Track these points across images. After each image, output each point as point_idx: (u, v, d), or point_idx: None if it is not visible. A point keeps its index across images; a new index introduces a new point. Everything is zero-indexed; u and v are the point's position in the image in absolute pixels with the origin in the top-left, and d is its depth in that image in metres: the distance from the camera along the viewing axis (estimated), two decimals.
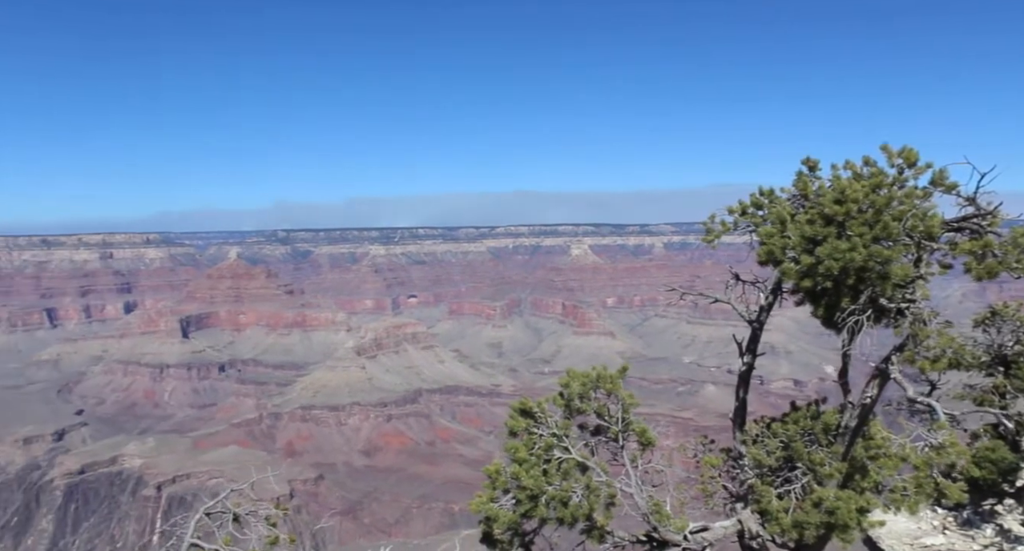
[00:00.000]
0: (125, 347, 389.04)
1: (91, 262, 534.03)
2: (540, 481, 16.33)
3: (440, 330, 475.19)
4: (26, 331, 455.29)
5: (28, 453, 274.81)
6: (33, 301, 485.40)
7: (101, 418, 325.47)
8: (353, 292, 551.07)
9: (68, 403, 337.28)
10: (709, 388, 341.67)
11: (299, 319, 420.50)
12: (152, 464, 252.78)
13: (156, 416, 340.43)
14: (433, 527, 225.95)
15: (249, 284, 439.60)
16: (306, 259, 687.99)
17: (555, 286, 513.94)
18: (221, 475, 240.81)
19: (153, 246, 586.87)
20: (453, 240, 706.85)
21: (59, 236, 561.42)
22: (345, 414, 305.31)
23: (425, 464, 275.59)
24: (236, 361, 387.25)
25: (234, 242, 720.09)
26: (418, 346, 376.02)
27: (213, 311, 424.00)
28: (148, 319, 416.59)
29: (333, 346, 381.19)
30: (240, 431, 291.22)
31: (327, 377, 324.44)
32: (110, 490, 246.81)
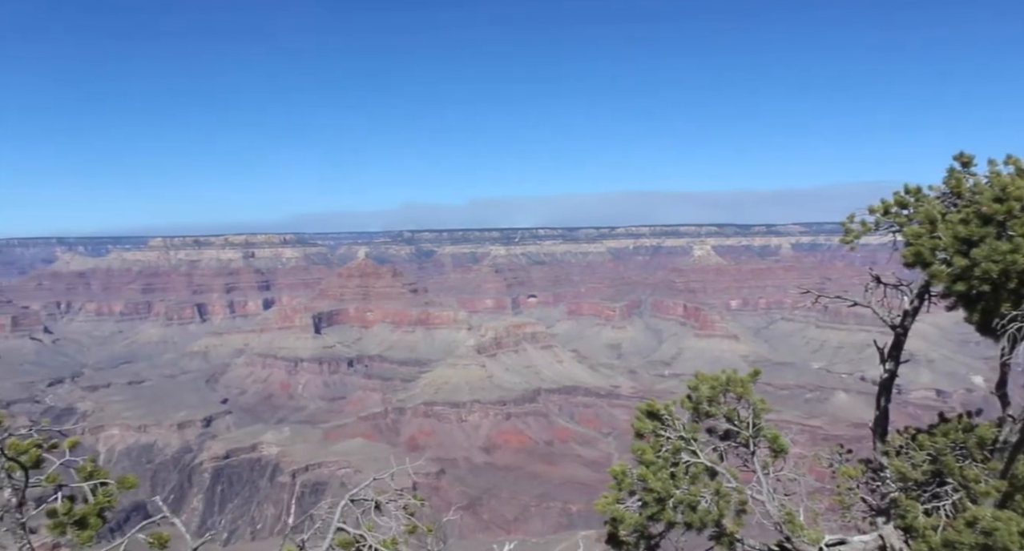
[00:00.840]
0: (264, 341, 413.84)
1: (235, 261, 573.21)
2: (668, 484, 16.19)
3: (559, 330, 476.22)
4: (180, 325, 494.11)
5: (182, 437, 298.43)
6: (186, 297, 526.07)
7: (243, 407, 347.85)
8: (474, 291, 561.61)
9: (215, 392, 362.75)
10: (840, 396, 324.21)
11: (423, 317, 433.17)
12: (287, 452, 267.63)
13: (291, 407, 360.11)
14: (551, 526, 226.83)
15: (376, 283, 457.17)
16: (430, 259, 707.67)
17: (676, 287, 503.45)
18: (349, 465, 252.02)
19: (289, 246, 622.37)
20: (573, 240, 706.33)
21: (208, 237, 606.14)
22: (466, 411, 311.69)
23: (543, 463, 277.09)
24: (364, 357, 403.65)
25: (363, 242, 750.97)
26: (537, 346, 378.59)
27: (343, 308, 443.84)
28: (284, 315, 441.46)
29: (455, 344, 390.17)
30: (367, 424, 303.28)
31: (449, 374, 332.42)
32: (251, 475, 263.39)
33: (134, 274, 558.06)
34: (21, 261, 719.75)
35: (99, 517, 13.82)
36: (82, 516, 13.66)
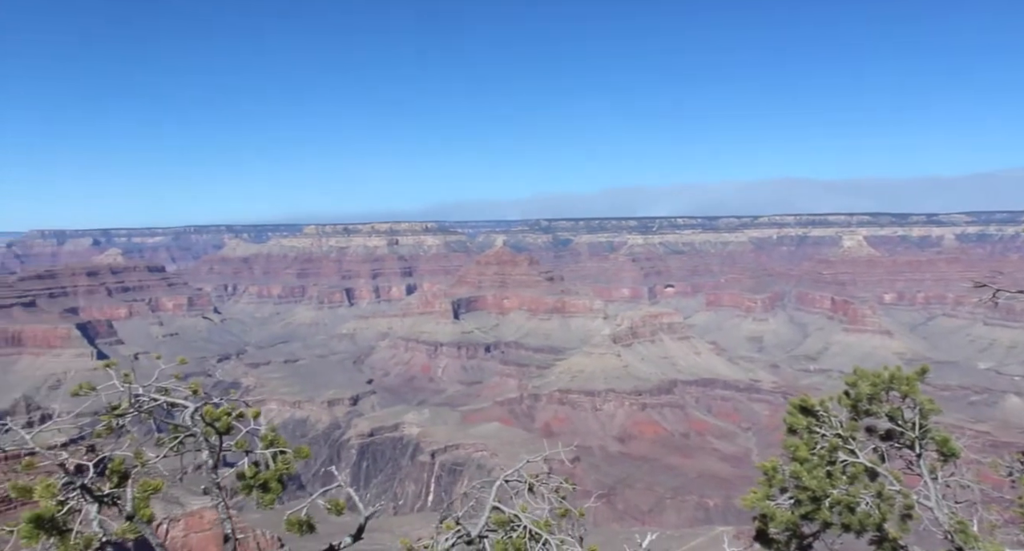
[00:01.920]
0: (406, 325, 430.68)
1: (380, 248, 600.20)
2: (824, 483, 15.69)
3: (697, 321, 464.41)
4: (330, 308, 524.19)
5: (331, 414, 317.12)
6: (336, 282, 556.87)
7: (386, 388, 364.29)
8: (610, 280, 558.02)
9: (361, 373, 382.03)
10: (1012, 399, 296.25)
11: (558, 305, 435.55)
12: (427, 433, 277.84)
13: (431, 389, 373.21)
14: (687, 520, 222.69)
15: (513, 270, 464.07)
16: (566, 247, 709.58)
17: (823, 279, 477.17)
18: (485, 448, 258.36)
19: (431, 234, 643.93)
20: (713, 230, 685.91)
21: (357, 225, 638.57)
22: (600, 400, 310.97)
23: (679, 455, 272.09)
24: (500, 343, 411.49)
25: (501, 230, 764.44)
26: (674, 336, 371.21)
27: (481, 295, 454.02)
28: (425, 301, 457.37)
29: (590, 332, 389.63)
30: (503, 409, 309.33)
31: (584, 362, 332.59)
32: (393, 453, 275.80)
33: (290, 260, 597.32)
34: (196, 247, 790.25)
35: (279, 482, 15.15)
36: (265, 480, 15.02)
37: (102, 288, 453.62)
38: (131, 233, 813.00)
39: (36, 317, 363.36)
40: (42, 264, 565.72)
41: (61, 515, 12.22)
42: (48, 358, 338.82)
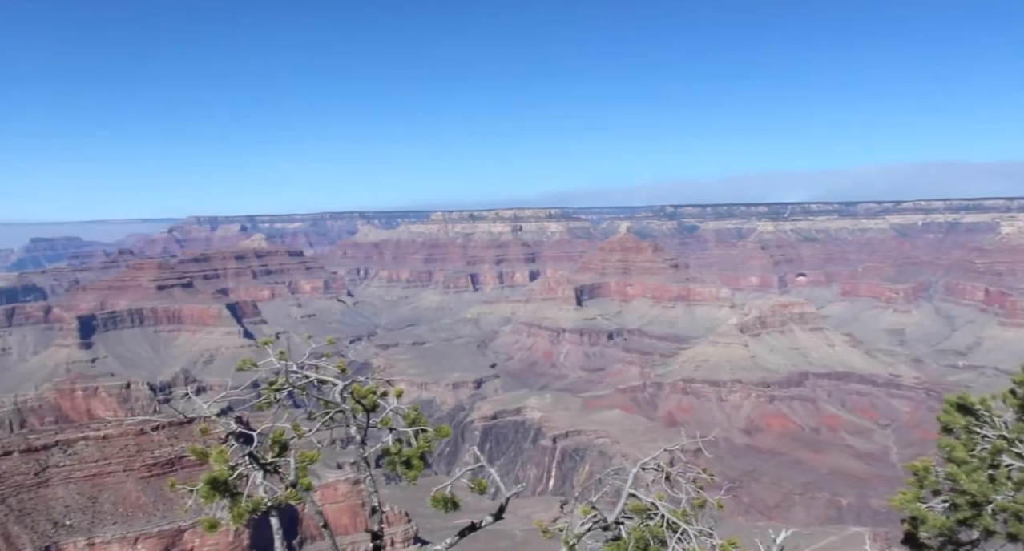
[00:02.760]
0: (529, 311, 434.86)
1: (504, 234, 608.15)
2: (985, 487, 14.71)
3: (831, 312, 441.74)
4: (455, 292, 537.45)
5: (456, 396, 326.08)
6: (461, 267, 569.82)
7: (509, 372, 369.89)
8: (738, 268, 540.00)
9: (484, 356, 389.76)
10: None
11: (683, 293, 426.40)
12: (549, 418, 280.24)
13: (553, 375, 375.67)
14: (816, 517, 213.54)
15: (637, 257, 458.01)
16: (692, 234, 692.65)
17: (976, 269, 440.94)
18: (607, 435, 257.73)
19: (554, 220, 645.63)
20: (850, 216, 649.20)
21: (482, 211, 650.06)
22: (726, 390, 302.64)
23: (809, 451, 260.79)
24: (623, 330, 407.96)
25: (624, 217, 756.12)
26: (805, 327, 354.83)
27: (604, 282, 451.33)
28: (548, 287, 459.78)
29: (716, 321, 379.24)
30: (625, 397, 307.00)
31: (709, 352, 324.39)
32: (515, 436, 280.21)
33: (418, 245, 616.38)
34: (331, 233, 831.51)
35: (421, 459, 15.84)
36: (408, 457, 15.74)
37: (248, 271, 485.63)
38: (273, 219, 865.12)
39: (193, 297, 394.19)
40: (197, 248, 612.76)
41: (232, 479, 13.33)
42: (202, 335, 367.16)
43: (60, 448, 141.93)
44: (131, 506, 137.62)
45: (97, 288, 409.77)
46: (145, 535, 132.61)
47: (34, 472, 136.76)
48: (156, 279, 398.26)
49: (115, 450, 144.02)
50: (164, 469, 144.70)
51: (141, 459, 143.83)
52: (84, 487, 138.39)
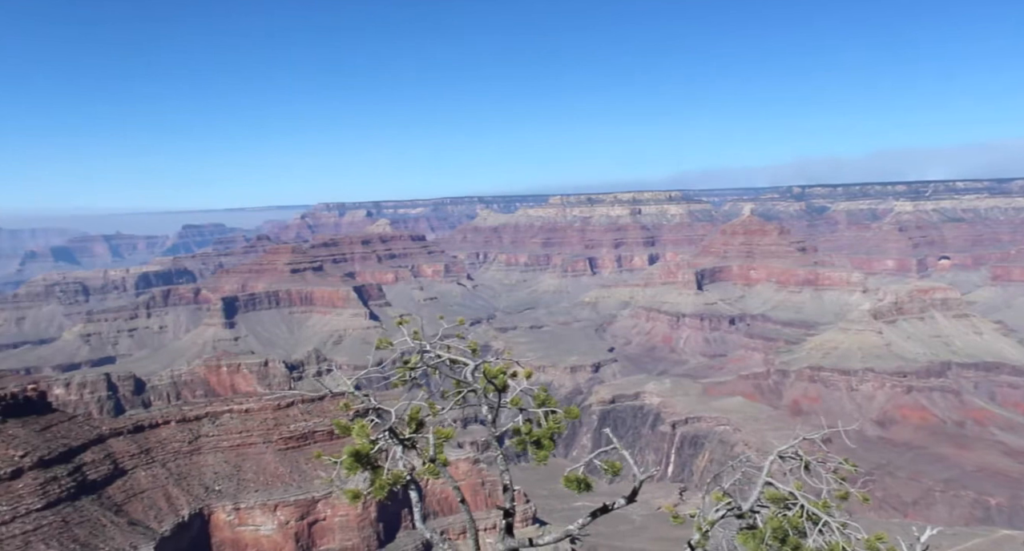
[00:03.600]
0: (648, 295, 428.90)
1: (623, 217, 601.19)
2: None
3: (978, 298, 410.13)
4: (573, 276, 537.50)
5: (574, 379, 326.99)
6: (579, 251, 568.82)
7: (627, 356, 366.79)
8: (872, 251, 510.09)
9: (602, 340, 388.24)
10: None
11: (811, 277, 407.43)
12: (667, 404, 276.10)
13: (672, 360, 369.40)
14: (961, 517, 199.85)
15: (761, 240, 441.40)
16: (821, 215, 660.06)
17: None
18: (728, 423, 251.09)
19: (674, 203, 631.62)
20: (1002, 194, 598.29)
21: (600, 195, 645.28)
22: (857, 379, 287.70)
23: (952, 446, 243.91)
24: (745, 315, 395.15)
25: (748, 198, 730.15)
26: (948, 314, 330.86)
27: (726, 265, 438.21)
28: (668, 270, 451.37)
29: (846, 307, 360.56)
30: (747, 383, 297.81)
31: (838, 339, 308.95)
32: (633, 421, 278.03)
33: (536, 229, 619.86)
34: (452, 217, 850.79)
35: (551, 440, 16.01)
36: (538, 437, 15.96)
37: (373, 255, 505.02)
38: (397, 205, 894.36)
39: (323, 280, 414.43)
40: (327, 233, 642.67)
41: (373, 452, 13.99)
42: (332, 316, 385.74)
43: (209, 419, 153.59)
44: (270, 476, 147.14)
45: (239, 271, 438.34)
46: (283, 503, 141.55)
47: (188, 440, 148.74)
48: (290, 263, 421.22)
49: (256, 423, 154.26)
50: (299, 442, 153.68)
51: (278, 432, 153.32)
52: (230, 456, 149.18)
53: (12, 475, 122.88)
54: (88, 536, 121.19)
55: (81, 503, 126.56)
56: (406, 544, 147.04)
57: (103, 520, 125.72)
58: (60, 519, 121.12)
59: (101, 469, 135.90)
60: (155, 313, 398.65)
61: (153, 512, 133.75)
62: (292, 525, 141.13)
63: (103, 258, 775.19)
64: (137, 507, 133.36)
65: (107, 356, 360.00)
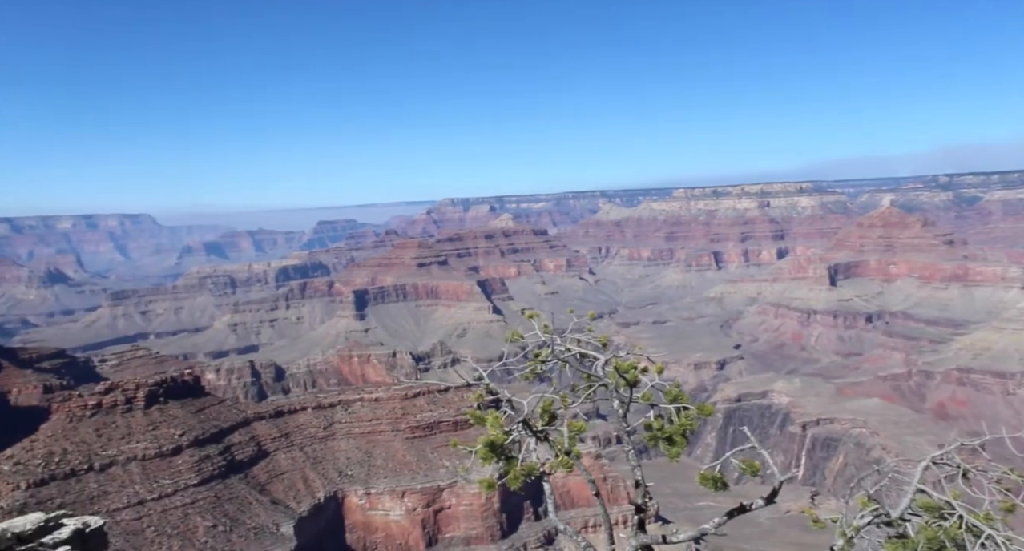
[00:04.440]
0: (776, 290, 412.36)
1: (751, 210, 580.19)
2: None
3: None
4: (698, 271, 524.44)
5: (698, 376, 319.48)
6: (704, 245, 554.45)
7: (754, 354, 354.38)
8: None
9: (728, 337, 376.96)
10: None
11: (959, 272, 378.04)
12: (797, 404, 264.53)
13: (802, 358, 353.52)
14: None
15: (902, 233, 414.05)
16: (972, 206, 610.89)
17: None
18: (864, 426, 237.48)
19: (806, 195, 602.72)
20: None
21: (726, 187, 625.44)
22: (1015, 383, 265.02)
23: None
24: (884, 313, 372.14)
25: (888, 189, 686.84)
26: None
27: (862, 260, 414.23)
28: (798, 265, 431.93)
29: (1001, 304, 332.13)
30: (885, 385, 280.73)
31: (992, 338, 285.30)
32: (760, 421, 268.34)
33: (659, 223, 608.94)
34: (574, 212, 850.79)
35: (683, 436, 15.76)
36: (670, 434, 15.75)
37: (496, 249, 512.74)
38: (520, 200, 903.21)
39: (448, 274, 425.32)
40: (452, 228, 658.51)
41: (507, 443, 14.29)
42: (456, 309, 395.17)
43: (342, 407, 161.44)
44: (398, 463, 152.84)
45: (368, 265, 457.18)
46: (411, 490, 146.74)
47: (323, 426, 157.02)
48: (417, 257, 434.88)
49: (385, 411, 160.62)
50: (425, 432, 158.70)
51: (406, 421, 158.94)
52: (361, 443, 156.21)
53: (173, 452, 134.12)
54: (236, 512, 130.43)
55: (230, 481, 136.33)
56: (528, 535, 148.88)
57: (249, 498, 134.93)
58: (213, 494, 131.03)
59: (247, 450, 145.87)
60: (293, 305, 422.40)
61: (292, 493, 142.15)
62: (419, 512, 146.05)
63: (248, 253, 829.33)
64: (278, 487, 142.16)
65: (251, 344, 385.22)
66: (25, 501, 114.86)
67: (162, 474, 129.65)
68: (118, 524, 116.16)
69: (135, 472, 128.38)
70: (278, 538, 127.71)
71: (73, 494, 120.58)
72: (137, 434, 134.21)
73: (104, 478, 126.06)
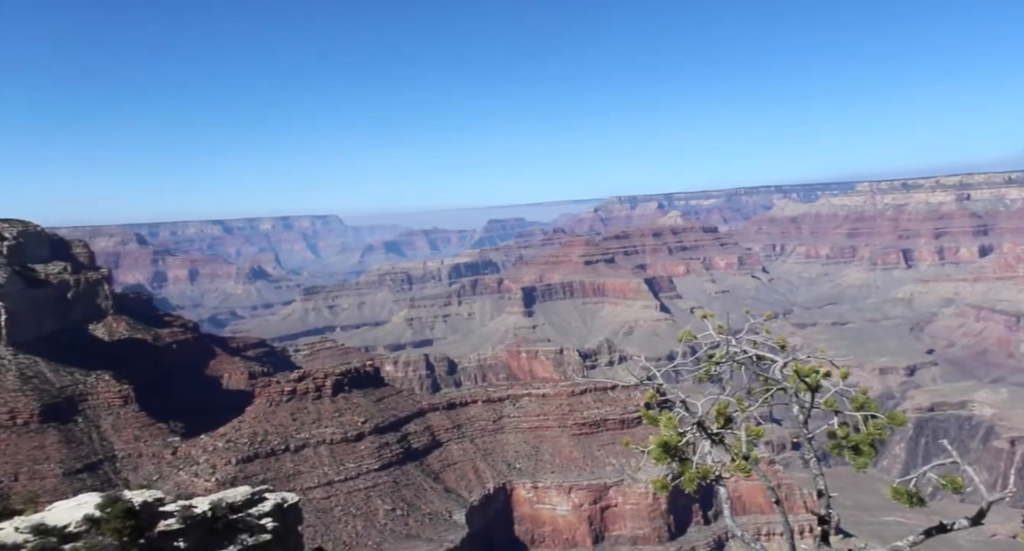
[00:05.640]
0: (978, 291, 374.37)
1: (946, 204, 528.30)
2: None
3: None
4: (884, 270, 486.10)
5: (884, 382, 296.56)
6: (891, 242, 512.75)
7: (950, 360, 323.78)
8: None
9: (918, 341, 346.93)
10: None
11: None
12: (1004, 416, 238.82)
13: (1009, 366, 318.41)
14: None
15: None
16: None
17: None
18: None
19: (1015, 186, 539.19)
20: None
21: (917, 179, 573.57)
22: None
23: None
24: None
25: None
26: None
27: None
28: (1005, 264, 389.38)
29: None
30: None
31: None
32: (958, 433, 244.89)
33: (840, 219, 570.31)
34: (746, 208, 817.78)
35: (871, 446, 14.84)
36: (856, 443, 14.90)
37: (664, 247, 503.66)
38: (689, 196, 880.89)
39: (615, 272, 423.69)
40: (619, 226, 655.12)
41: (681, 445, 14.19)
42: (623, 308, 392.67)
43: (511, 401, 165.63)
44: (565, 459, 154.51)
45: (536, 263, 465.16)
46: (577, 486, 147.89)
47: (492, 419, 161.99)
48: (584, 255, 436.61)
49: (552, 407, 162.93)
50: (591, 429, 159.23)
51: (572, 418, 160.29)
52: (529, 437, 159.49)
53: (356, 437, 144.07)
54: (413, 497, 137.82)
55: (407, 467, 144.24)
56: (698, 539, 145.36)
57: (424, 484, 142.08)
58: (391, 480, 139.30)
59: (422, 439, 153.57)
60: (464, 301, 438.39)
61: (464, 482, 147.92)
62: (586, 508, 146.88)
63: (423, 251, 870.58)
64: (451, 476, 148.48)
65: (426, 338, 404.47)
66: (235, 475, 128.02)
67: (347, 458, 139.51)
68: (310, 502, 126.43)
69: (324, 455, 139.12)
70: (451, 525, 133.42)
71: (273, 471, 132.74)
72: (325, 419, 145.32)
73: (298, 458, 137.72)
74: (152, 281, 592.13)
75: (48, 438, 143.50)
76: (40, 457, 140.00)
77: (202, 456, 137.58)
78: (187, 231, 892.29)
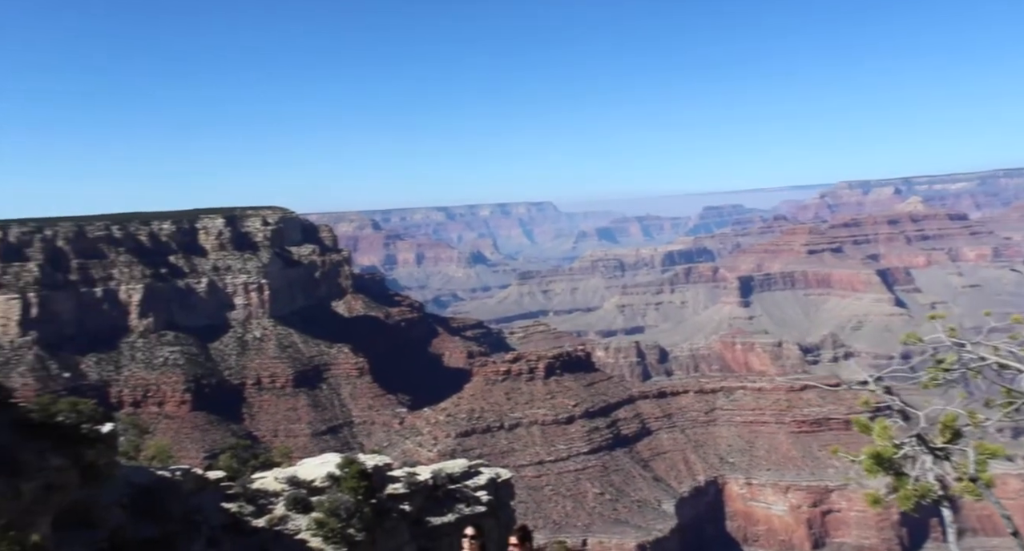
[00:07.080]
0: None
1: None
2: None
3: None
4: None
5: None
6: None
7: None
8: None
9: None
10: None
11: None
12: None
13: None
14: None
15: None
16: None
17: None
18: None
19: None
20: None
21: None
22: None
23: None
24: None
25: None
26: None
27: None
28: None
29: None
30: None
31: None
32: None
33: None
34: (1005, 192, 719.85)
35: None
36: None
37: (901, 236, 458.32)
38: (932, 180, 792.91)
39: (842, 262, 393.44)
40: (848, 213, 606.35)
41: (897, 458, 13.26)
42: (851, 300, 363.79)
43: (724, 393, 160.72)
44: (782, 457, 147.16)
45: (754, 251, 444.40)
46: (795, 486, 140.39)
47: (704, 411, 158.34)
48: (807, 244, 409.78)
49: (768, 402, 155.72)
50: (812, 427, 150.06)
51: (791, 415, 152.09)
52: (742, 431, 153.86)
53: (567, 420, 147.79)
54: (621, 483, 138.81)
55: (616, 453, 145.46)
56: None
57: (633, 471, 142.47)
58: (600, 464, 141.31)
59: (632, 426, 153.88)
60: (677, 289, 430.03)
61: (673, 473, 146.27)
62: (804, 510, 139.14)
63: (636, 237, 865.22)
64: (660, 465, 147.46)
65: (637, 326, 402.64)
66: (454, 447, 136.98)
67: (558, 439, 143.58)
68: (522, 479, 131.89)
69: (536, 435, 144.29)
70: (660, 514, 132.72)
71: (488, 447, 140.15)
72: (538, 401, 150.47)
73: (511, 437, 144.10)
74: (384, 263, 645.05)
75: (300, 401, 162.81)
76: (293, 417, 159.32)
77: (425, 428, 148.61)
78: (414, 217, 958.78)
